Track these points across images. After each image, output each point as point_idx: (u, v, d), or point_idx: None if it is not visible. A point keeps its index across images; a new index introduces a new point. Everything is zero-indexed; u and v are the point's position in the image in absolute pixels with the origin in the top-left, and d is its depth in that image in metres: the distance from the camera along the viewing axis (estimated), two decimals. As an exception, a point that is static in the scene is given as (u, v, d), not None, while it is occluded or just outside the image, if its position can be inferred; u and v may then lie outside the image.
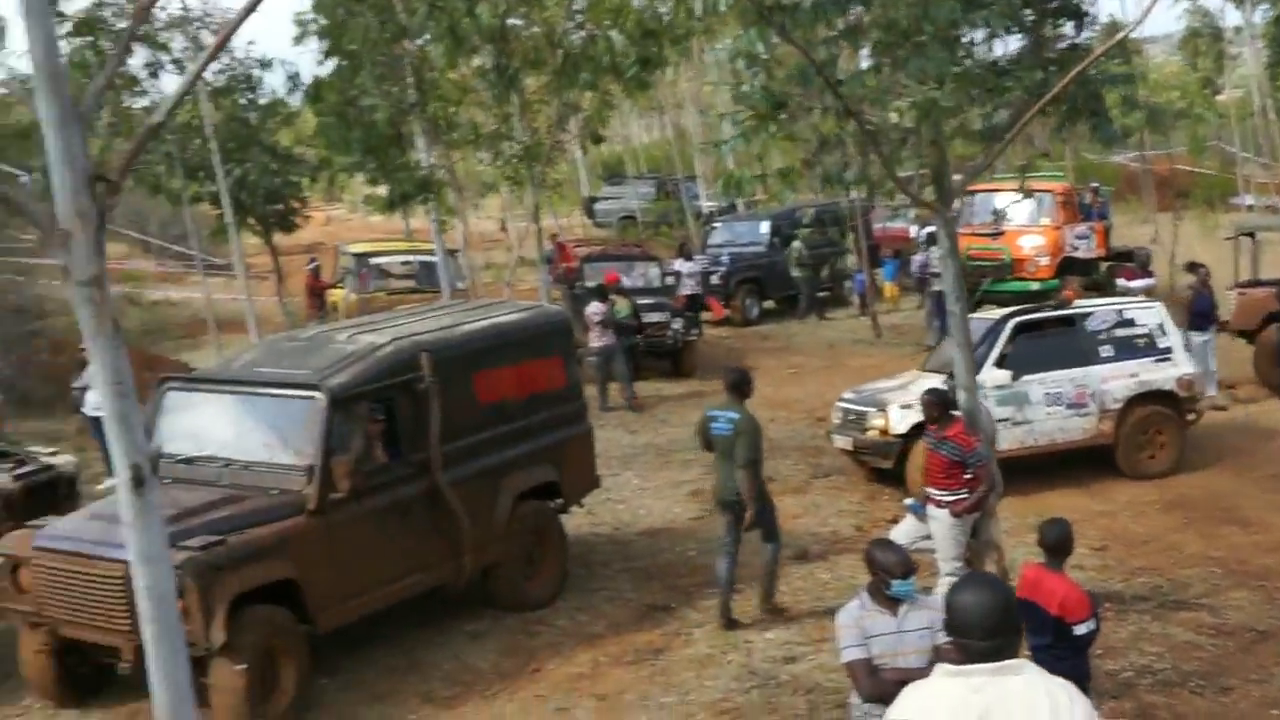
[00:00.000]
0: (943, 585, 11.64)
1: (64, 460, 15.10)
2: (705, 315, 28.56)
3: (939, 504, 11.67)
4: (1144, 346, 16.74)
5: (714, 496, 12.61)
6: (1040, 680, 4.55)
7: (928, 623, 7.25)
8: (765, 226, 32.56)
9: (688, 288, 28.50)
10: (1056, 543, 8.64)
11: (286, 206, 27.30)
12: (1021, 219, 26.56)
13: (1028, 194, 23.67)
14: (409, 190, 20.02)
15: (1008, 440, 15.46)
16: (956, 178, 11.65)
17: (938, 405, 11.81)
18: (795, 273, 30.87)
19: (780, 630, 12.04)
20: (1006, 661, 4.57)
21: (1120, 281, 22.71)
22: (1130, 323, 16.87)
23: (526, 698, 10.92)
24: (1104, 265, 28.35)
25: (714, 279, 30.29)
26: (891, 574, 7.34)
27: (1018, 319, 16.62)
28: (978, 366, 15.06)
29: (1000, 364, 16.00)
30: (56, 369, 24.47)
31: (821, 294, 31.61)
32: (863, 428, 16.21)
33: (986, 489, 11.65)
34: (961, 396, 11.87)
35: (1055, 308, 17.39)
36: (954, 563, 11.65)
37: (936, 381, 15.19)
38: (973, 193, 22.20)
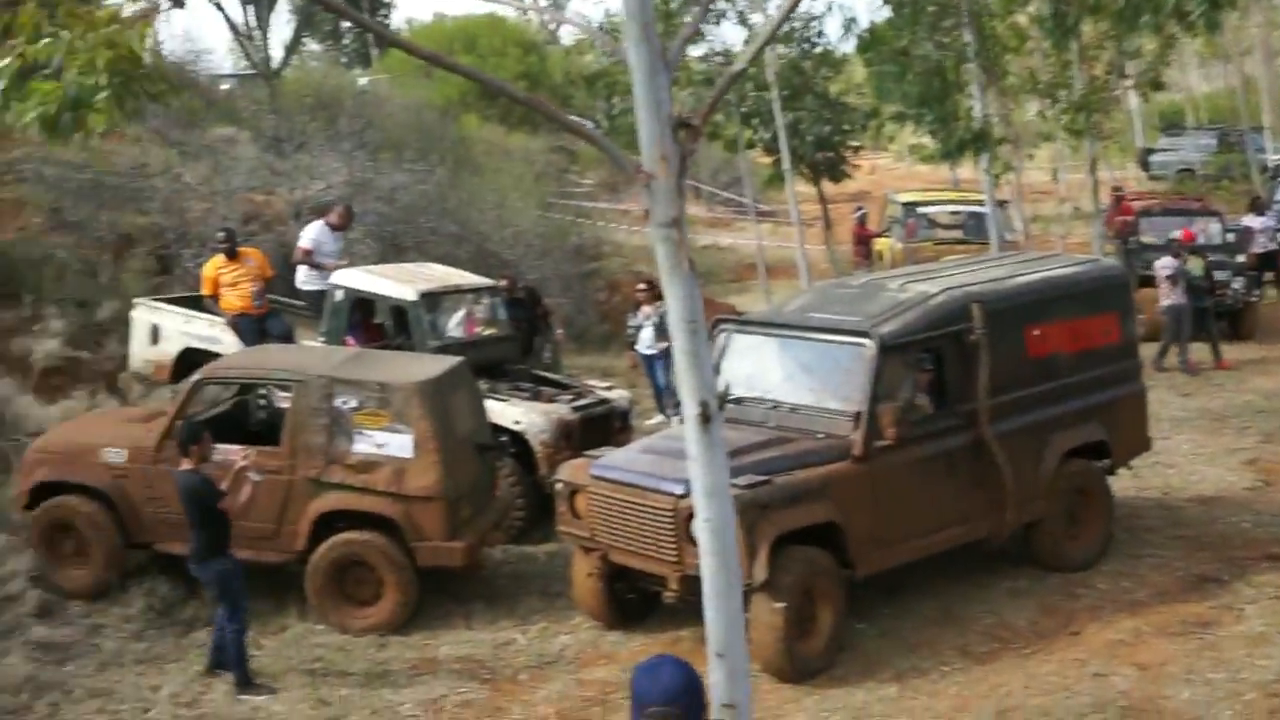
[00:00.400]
0: None
1: (618, 395, 15.88)
2: (1268, 275, 26.95)
3: None
4: None
5: None
6: None
7: None
8: (1338, 184, 30.40)
9: (1259, 245, 26.74)
10: None
11: (837, 154, 27.53)
12: None
13: None
14: (965, 140, 19.79)
15: None
16: None
17: None
18: None
19: (1354, 617, 11.30)
20: None
21: None
22: None
23: (1064, 659, 10.69)
24: None
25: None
26: None
27: None
28: None
29: None
30: (611, 308, 25.75)
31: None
32: None
33: None
34: None
35: None
36: None
37: None
38: None
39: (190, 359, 15.57)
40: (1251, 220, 27.34)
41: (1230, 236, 25.99)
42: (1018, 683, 10.29)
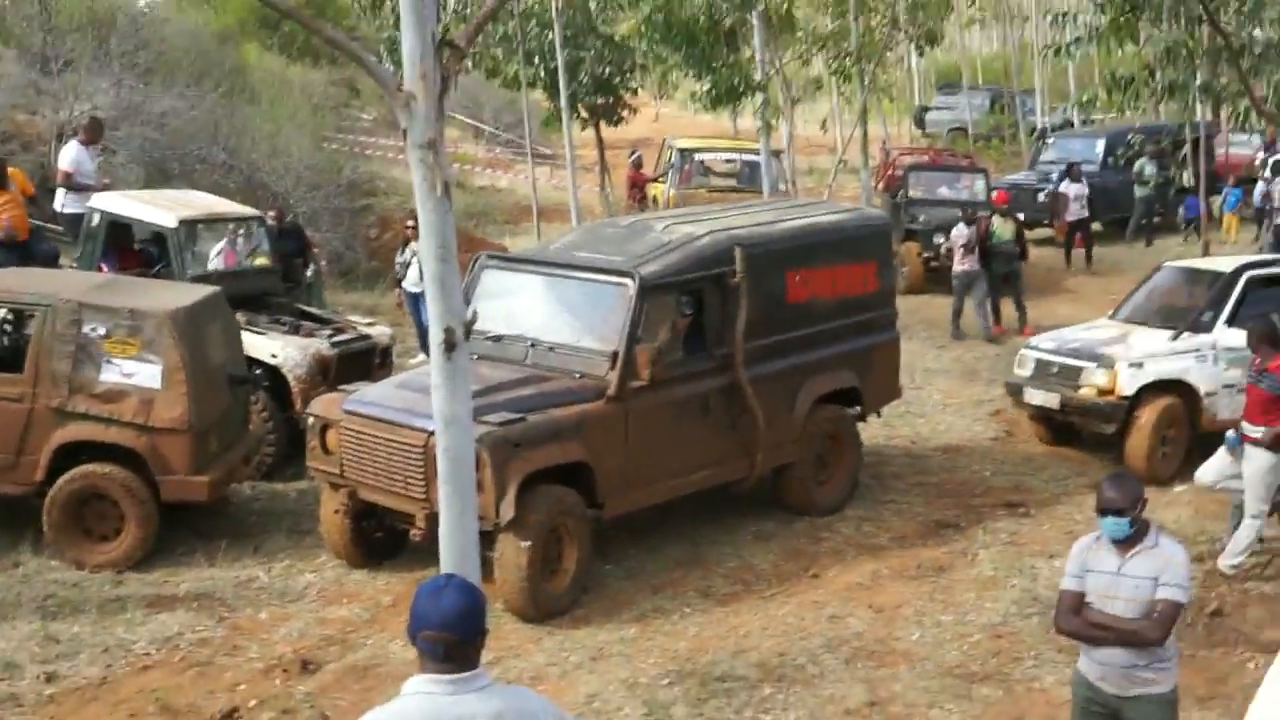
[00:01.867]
0: (1247, 527, 11.18)
1: (380, 331, 15.65)
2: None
3: (1255, 441, 11.14)
4: None
5: None
6: None
7: (1151, 572, 6.57)
8: (1100, 145, 31.36)
9: (1072, 212, 27.01)
10: None
11: (616, 99, 27.48)
12: None
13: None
14: (732, 87, 19.95)
15: (1230, 409, 13.65)
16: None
17: (1260, 335, 11.22)
18: (1139, 191, 29.71)
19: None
20: None
21: None
22: None
23: (803, 602, 10.91)
24: None
25: (1041, 196, 29.30)
26: (1101, 509, 6.74)
27: (1250, 272, 14.82)
28: (1204, 325, 14.24)
29: (1232, 322, 14.17)
30: (381, 246, 25.46)
31: (1155, 219, 30.38)
32: (1075, 384, 14.32)
33: (1310, 427, 11.03)
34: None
35: None
36: (1261, 504, 11.13)
37: (1148, 332, 14.46)
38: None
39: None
40: (1067, 186, 27.24)
41: (994, 193, 26.62)
42: (756, 624, 10.46)
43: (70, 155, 16.57)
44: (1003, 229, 21.51)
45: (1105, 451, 14.44)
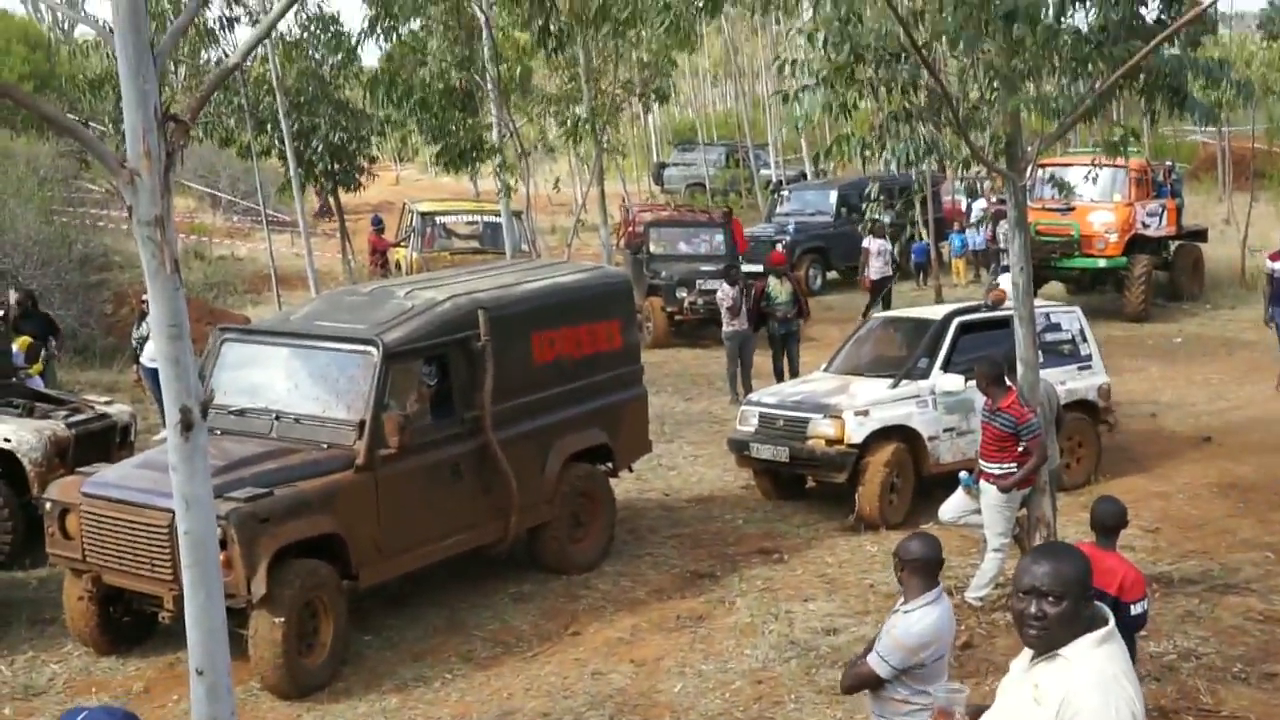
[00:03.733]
0: (991, 560, 11.59)
1: (119, 410, 15.24)
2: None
3: (989, 478, 11.57)
4: (1068, 354, 15.82)
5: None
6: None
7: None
8: (833, 196, 32.35)
9: (875, 270, 26.50)
10: (1111, 521, 8.56)
11: (352, 164, 27.24)
12: (1093, 194, 25.59)
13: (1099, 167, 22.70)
14: (464, 148, 20.02)
15: (951, 453, 14.48)
16: (1029, 149, 11.52)
17: (989, 377, 11.66)
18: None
19: (823, 601, 11.99)
20: (1112, 625, 4.54)
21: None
22: (1056, 326, 15.91)
23: (565, 660, 10.92)
24: (1174, 244, 28.10)
25: (779, 247, 29.92)
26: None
27: (960, 318, 15.29)
28: (921, 372, 14.75)
29: (946, 368, 14.70)
30: (118, 322, 24.81)
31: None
32: (803, 436, 14.41)
33: (1038, 462, 11.52)
34: (1020, 369, 11.73)
35: (990, 307, 16.04)
36: (1001, 538, 11.56)
37: (867, 382, 14.90)
38: (1044, 166, 21.78)
39: None
40: (869, 242, 26.68)
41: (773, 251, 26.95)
42: (519, 685, 10.44)
43: None
44: (779, 290, 20.80)
45: (837, 500, 14.73)
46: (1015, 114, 11.14)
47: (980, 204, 30.77)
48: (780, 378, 19.58)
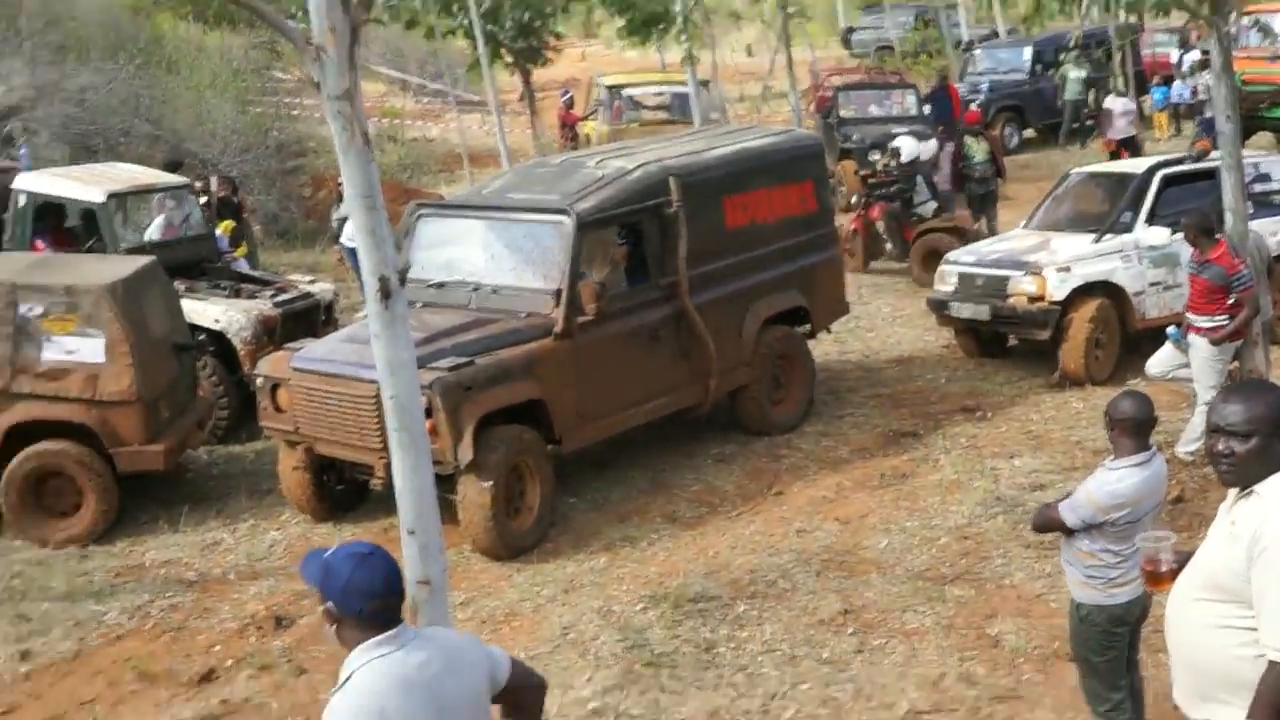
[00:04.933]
0: (1200, 414, 11.30)
1: (322, 288, 15.58)
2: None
3: (1199, 330, 11.26)
4: (1279, 203, 15.10)
5: None
6: None
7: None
8: (1027, 53, 31.47)
9: (1119, 129, 25.65)
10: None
11: (539, 40, 27.26)
12: None
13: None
14: (650, 16, 19.85)
15: (1157, 308, 14.13)
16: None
17: (1197, 228, 11.31)
18: (1068, 97, 29.80)
19: (1029, 458, 11.84)
20: None
21: None
22: (1266, 177, 15.19)
23: (769, 519, 10.97)
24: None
25: (972, 106, 29.32)
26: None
27: (1164, 171, 14.81)
28: (1124, 226, 14.32)
29: (1151, 221, 14.33)
30: (316, 205, 25.32)
31: (1089, 122, 30.52)
32: (1003, 294, 14.21)
33: (1250, 314, 11.17)
34: (1229, 219, 11.36)
35: (1195, 159, 15.36)
36: (1212, 391, 11.24)
37: (1068, 237, 14.52)
38: (1250, 13, 20.88)
39: None
40: (1112, 101, 26.27)
41: (926, 109, 26.62)
42: (725, 543, 10.52)
43: None
44: (976, 149, 20.67)
45: (1041, 357, 14.49)
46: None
47: (1193, 55, 29.64)
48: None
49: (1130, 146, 25.44)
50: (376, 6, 5.76)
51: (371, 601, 4.22)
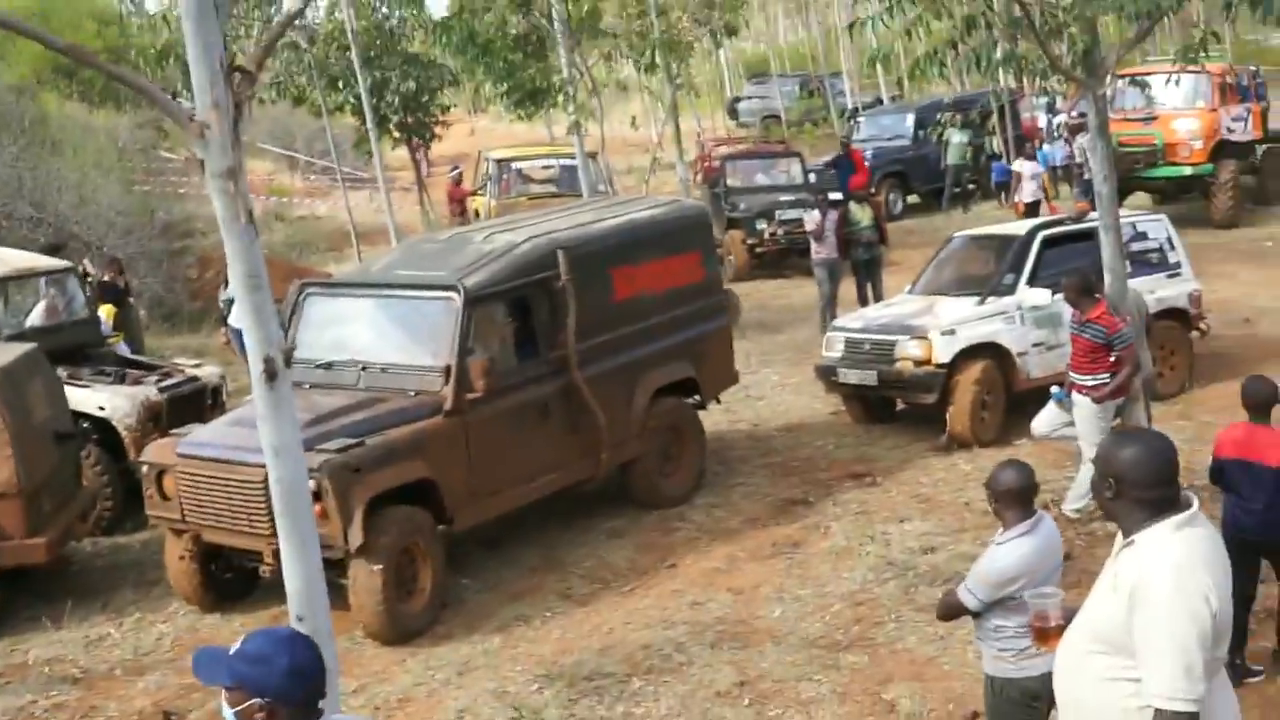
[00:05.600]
0: (1085, 471, 11.45)
1: (209, 372, 15.38)
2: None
3: (1082, 389, 11.44)
4: (1157, 262, 15.48)
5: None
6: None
7: None
8: (910, 119, 32.05)
9: (1028, 193, 26.04)
10: (1262, 398, 8.52)
11: (425, 114, 27.30)
12: (1175, 102, 25.07)
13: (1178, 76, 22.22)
14: (533, 89, 19.95)
15: (1041, 367, 14.28)
16: (1107, 56, 11.31)
17: (1078, 289, 11.51)
18: (950, 161, 30.30)
19: (919, 521, 11.93)
20: (1196, 509, 4.52)
21: None
22: (1143, 236, 15.55)
23: (663, 592, 10.95)
24: (1261, 148, 27.51)
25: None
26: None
27: (1044, 232, 15.08)
28: (1007, 288, 14.56)
29: (1032, 282, 14.51)
30: (203, 286, 25.05)
31: (970, 187, 31.05)
32: (890, 359, 14.28)
33: (1131, 371, 11.38)
34: (1108, 279, 11.59)
35: (1074, 220, 15.72)
36: (1096, 448, 11.41)
37: (952, 301, 14.73)
38: (1124, 76, 21.35)
39: None
40: (1021, 165, 26.65)
41: (812, 177, 26.95)
42: (619, 619, 10.47)
43: None
44: (860, 214, 20.60)
45: (928, 421, 14.61)
46: (1093, 21, 10.95)
47: (1059, 119, 30.33)
48: (865, 304, 19.36)
49: (1036, 211, 25.64)
50: (261, 84, 5.75)
51: (313, 683, 4.00)
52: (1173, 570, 4.38)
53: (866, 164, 28.29)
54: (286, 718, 3.97)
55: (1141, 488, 4.55)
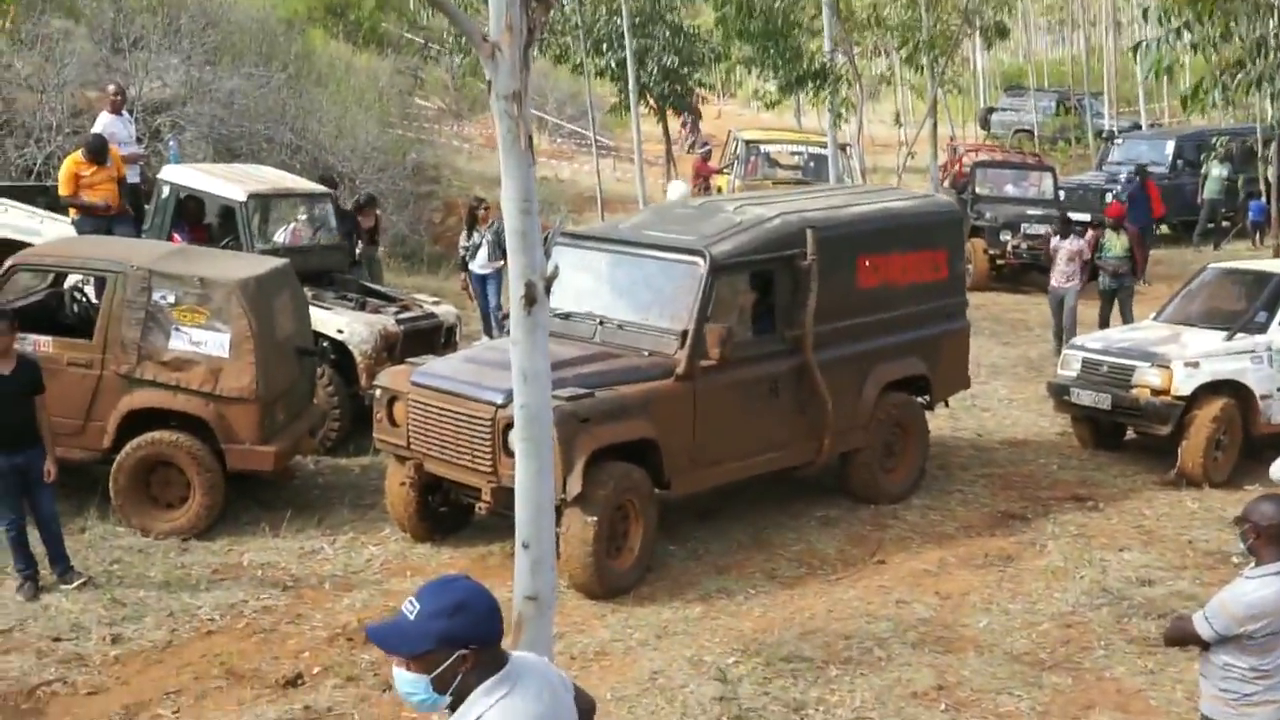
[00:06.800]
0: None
1: (445, 310, 15.63)
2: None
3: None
4: None
5: None
6: None
7: None
8: (1170, 146, 31.13)
9: (1058, 275, 19.82)
10: None
11: (683, 87, 27.34)
12: None
13: None
14: (805, 75, 19.81)
15: None
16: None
17: None
18: (1207, 195, 29.34)
19: (1138, 553, 11.59)
20: None
21: None
22: None
23: (869, 586, 10.82)
24: None
25: (1109, 197, 28.89)
26: None
27: None
28: (1259, 326, 14.00)
29: None
30: (445, 230, 25.52)
31: (1224, 222, 30.04)
32: (1127, 385, 13.89)
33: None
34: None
35: None
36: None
37: (1199, 333, 14.18)
38: None
39: (6, 250, 15.01)
40: (1060, 242, 19.90)
41: (1062, 194, 26.35)
42: (822, 606, 10.37)
43: (102, 124, 16.59)
44: (1114, 242, 19.51)
45: (1157, 453, 14.21)
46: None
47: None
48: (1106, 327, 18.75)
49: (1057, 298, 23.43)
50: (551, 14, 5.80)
51: (502, 621, 3.97)
52: None
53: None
54: (483, 662, 3.92)
55: None
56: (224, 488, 11.65)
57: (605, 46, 25.57)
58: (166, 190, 15.18)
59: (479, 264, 18.19)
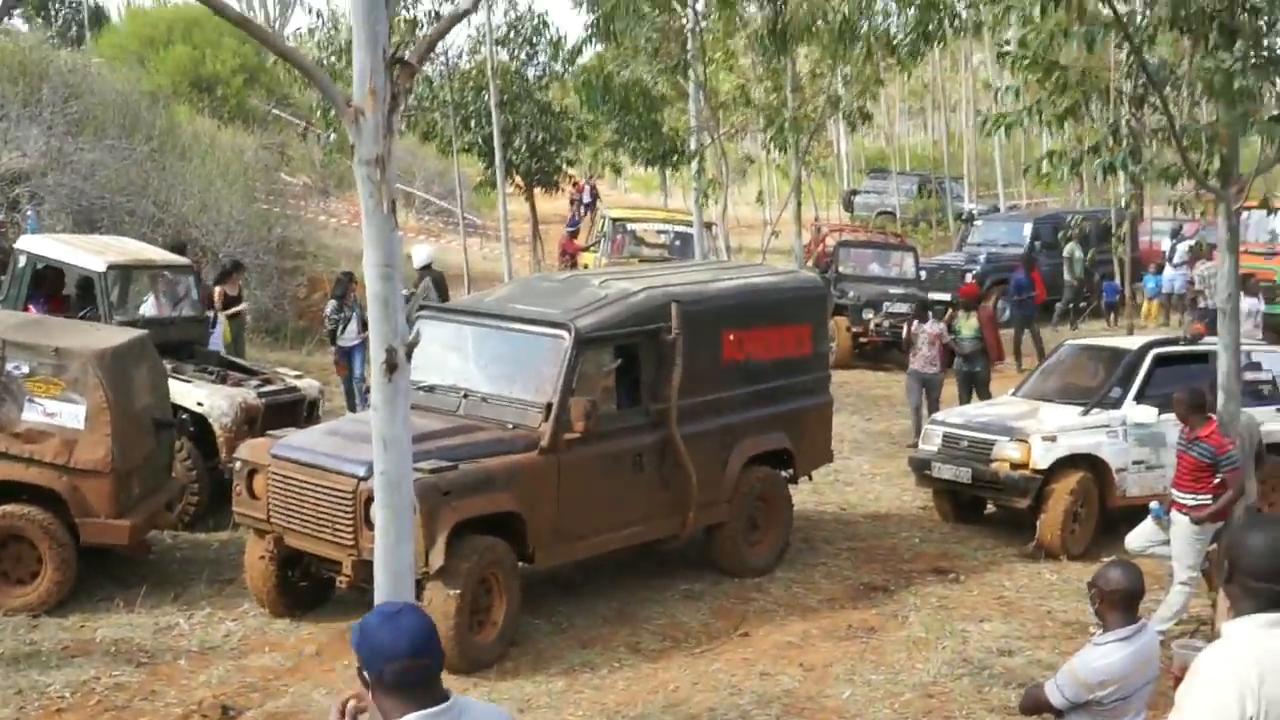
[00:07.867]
0: (1177, 593, 11.25)
1: (308, 384, 15.50)
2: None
3: (1182, 508, 11.20)
4: (1269, 395, 15.01)
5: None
6: None
7: None
8: (1027, 228, 31.84)
9: (920, 360, 18.89)
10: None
11: (550, 164, 27.53)
12: None
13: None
14: (666, 151, 20.05)
15: (1139, 486, 14.02)
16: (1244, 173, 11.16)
17: (1189, 405, 11.30)
18: (1067, 277, 29.98)
19: (999, 623, 11.72)
20: None
21: None
22: (1257, 366, 15.10)
23: (733, 659, 10.80)
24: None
25: (967, 278, 29.43)
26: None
27: (1157, 350, 14.78)
28: (1114, 401, 14.32)
29: (1140, 399, 14.22)
30: (310, 306, 25.32)
31: (1082, 303, 30.72)
32: (987, 459, 14.05)
33: (1235, 495, 11.10)
34: (1221, 399, 11.38)
35: (1188, 342, 15.52)
36: (1190, 571, 11.18)
37: (1057, 408, 14.52)
38: (1249, 209, 20.99)
39: None
40: (921, 326, 19.26)
41: (923, 274, 26.82)
42: (687, 679, 10.34)
43: None
44: (964, 324, 19.13)
45: (1017, 526, 14.45)
46: (1234, 134, 10.82)
47: (1184, 245, 29.93)
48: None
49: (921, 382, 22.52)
50: (415, 79, 5.81)
51: (391, 664, 3.86)
52: (1220, 658, 4.20)
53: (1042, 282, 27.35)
54: (382, 694, 3.94)
55: (1252, 577, 4.36)
56: (76, 562, 11.38)
57: (473, 122, 25.68)
58: (23, 260, 14.94)
59: (348, 337, 18.06)
